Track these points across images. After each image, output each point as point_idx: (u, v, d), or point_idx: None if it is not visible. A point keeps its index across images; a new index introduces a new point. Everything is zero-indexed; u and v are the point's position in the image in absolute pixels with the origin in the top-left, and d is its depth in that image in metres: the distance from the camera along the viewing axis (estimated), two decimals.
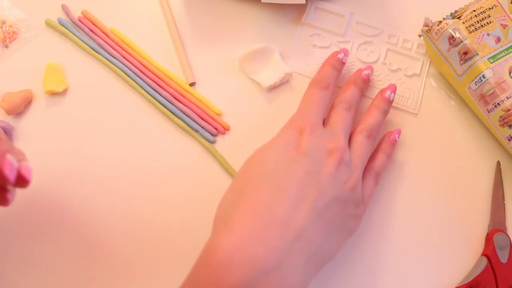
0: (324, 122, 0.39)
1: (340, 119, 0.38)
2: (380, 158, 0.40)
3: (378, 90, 0.43)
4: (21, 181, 0.30)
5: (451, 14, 0.43)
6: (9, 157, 0.29)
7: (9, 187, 0.30)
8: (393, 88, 0.42)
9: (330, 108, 0.40)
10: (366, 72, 0.42)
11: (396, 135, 0.41)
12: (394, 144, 0.41)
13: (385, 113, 0.41)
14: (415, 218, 0.41)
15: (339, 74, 0.42)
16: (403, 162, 0.42)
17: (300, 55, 0.46)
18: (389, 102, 0.41)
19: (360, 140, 0.38)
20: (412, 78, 0.45)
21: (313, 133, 0.35)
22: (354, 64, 0.45)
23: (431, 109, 0.44)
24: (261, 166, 0.34)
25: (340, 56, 0.42)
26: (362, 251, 0.39)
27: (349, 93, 0.41)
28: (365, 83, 0.42)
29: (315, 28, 0.47)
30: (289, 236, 0.31)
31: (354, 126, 0.40)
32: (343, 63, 0.42)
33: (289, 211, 0.31)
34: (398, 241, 0.40)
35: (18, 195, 0.32)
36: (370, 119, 0.40)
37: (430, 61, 0.46)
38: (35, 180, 0.41)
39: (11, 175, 0.29)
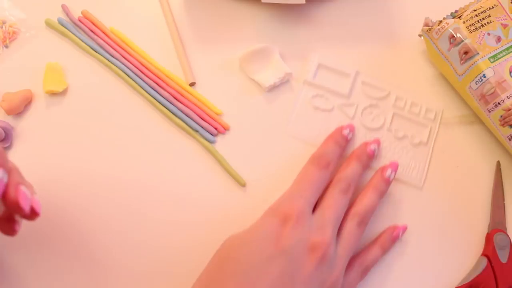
0: (317, 203, 0.37)
1: (333, 204, 0.36)
2: (375, 253, 0.37)
3: (379, 160, 0.41)
4: (31, 213, 0.30)
5: (452, 13, 0.43)
6: (23, 188, 0.29)
7: (17, 217, 0.31)
8: (395, 167, 0.39)
9: (327, 186, 0.38)
10: (372, 147, 0.40)
11: (401, 232, 0.39)
12: (395, 240, 0.39)
13: (382, 195, 0.39)
14: (415, 218, 0.41)
15: (343, 152, 0.40)
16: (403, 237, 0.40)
17: (301, 119, 0.43)
18: (389, 183, 0.39)
19: (350, 228, 0.35)
20: (418, 147, 0.42)
21: (298, 224, 0.33)
22: (357, 130, 0.43)
23: (438, 182, 0.41)
24: (233, 264, 0.31)
25: (345, 132, 0.40)
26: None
27: (350, 170, 0.38)
28: (370, 158, 0.40)
29: (318, 88, 0.44)
30: None
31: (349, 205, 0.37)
32: (348, 140, 0.40)
33: None
34: (398, 241, 0.40)
35: None
36: (365, 201, 0.37)
37: (438, 129, 0.43)
38: (35, 180, 0.41)
39: (26, 206, 0.29)
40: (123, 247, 0.39)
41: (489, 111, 0.40)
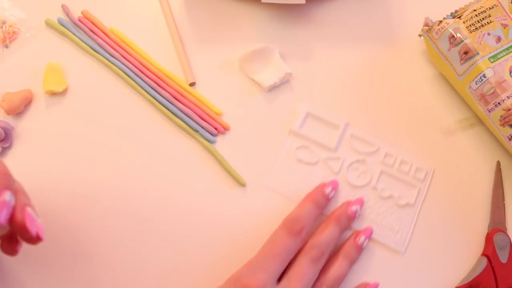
0: (285, 271, 0.35)
1: (302, 275, 0.33)
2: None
3: (360, 220, 0.39)
4: (35, 238, 0.30)
5: (452, 13, 0.43)
6: (30, 210, 0.29)
7: (19, 238, 0.31)
8: (369, 233, 0.38)
9: (298, 252, 0.35)
10: (354, 208, 0.38)
11: None
12: None
13: (354, 262, 0.37)
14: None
15: (321, 213, 0.38)
16: None
17: (282, 171, 0.41)
18: (361, 250, 0.37)
19: None
20: (404, 208, 0.40)
21: None
22: (341, 186, 0.40)
23: (420, 248, 0.39)
24: None
25: (327, 190, 0.38)
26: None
27: (326, 236, 0.36)
28: (350, 221, 0.38)
29: (304, 139, 0.42)
30: None
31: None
32: (329, 200, 0.38)
33: None
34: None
35: None
36: (336, 269, 0.35)
37: (427, 190, 0.41)
38: (35, 180, 0.41)
39: (33, 229, 0.29)
40: (122, 245, 0.39)
41: (489, 111, 0.40)
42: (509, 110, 0.39)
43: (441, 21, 0.42)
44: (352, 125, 0.43)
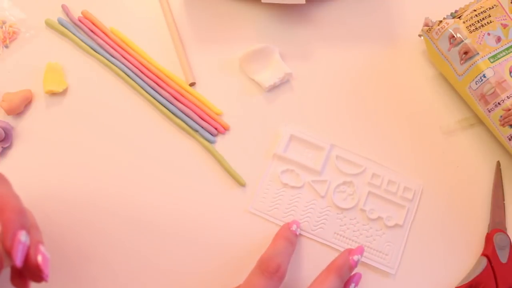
0: None
1: None
2: None
3: (349, 243, 0.39)
4: (46, 277, 0.29)
5: (452, 13, 0.43)
6: (43, 249, 0.29)
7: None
8: (361, 252, 0.36)
9: None
10: (356, 258, 0.35)
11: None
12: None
13: (344, 281, 0.35)
14: (416, 218, 0.41)
15: (294, 249, 0.37)
16: None
17: (268, 196, 0.40)
18: (353, 269, 0.35)
19: None
20: (393, 229, 0.40)
21: None
22: (328, 209, 0.40)
23: (411, 270, 0.39)
24: None
25: (293, 228, 0.37)
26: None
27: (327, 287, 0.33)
28: (351, 271, 0.35)
29: (288, 163, 0.41)
30: None
31: None
32: (297, 236, 0.38)
33: None
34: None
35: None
36: (327, 286, 0.33)
37: (416, 210, 0.40)
38: (35, 180, 0.41)
39: (46, 270, 0.28)
40: (121, 245, 0.39)
41: (489, 111, 0.40)
42: (509, 110, 0.39)
43: (441, 21, 0.42)
44: (338, 144, 0.42)
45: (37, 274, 0.28)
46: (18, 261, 0.27)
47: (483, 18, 0.40)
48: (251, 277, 0.34)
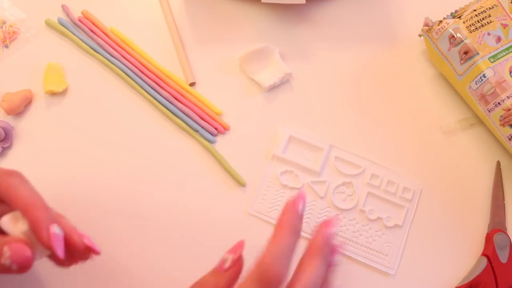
0: None
1: None
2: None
3: (346, 243, 0.38)
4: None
5: (452, 13, 0.43)
6: (78, 232, 0.30)
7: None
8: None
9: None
10: (334, 230, 0.30)
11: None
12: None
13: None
14: (415, 218, 0.41)
15: (299, 237, 0.29)
16: None
17: (267, 197, 0.40)
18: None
19: None
20: (393, 230, 0.39)
21: None
22: (328, 210, 0.40)
23: (411, 270, 0.39)
24: None
25: (300, 208, 0.29)
26: None
27: (314, 275, 0.28)
28: (330, 247, 0.30)
29: (287, 164, 0.41)
30: None
31: None
32: (302, 217, 0.30)
33: None
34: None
35: None
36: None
37: (416, 210, 0.40)
38: (35, 180, 0.41)
39: (95, 246, 0.31)
40: (121, 244, 0.39)
41: (489, 111, 0.40)
42: (509, 110, 0.39)
43: (441, 21, 0.42)
44: (337, 145, 0.42)
45: (87, 254, 0.31)
46: (60, 252, 0.28)
47: (483, 18, 0.40)
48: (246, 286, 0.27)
